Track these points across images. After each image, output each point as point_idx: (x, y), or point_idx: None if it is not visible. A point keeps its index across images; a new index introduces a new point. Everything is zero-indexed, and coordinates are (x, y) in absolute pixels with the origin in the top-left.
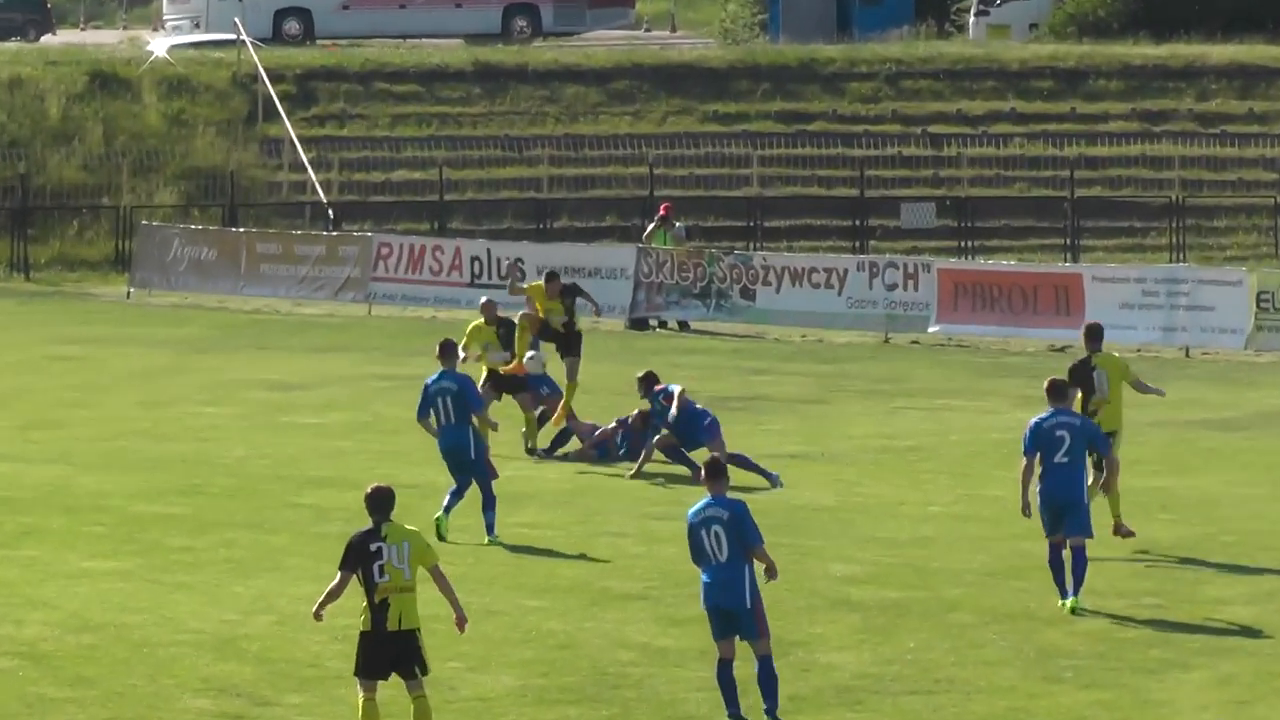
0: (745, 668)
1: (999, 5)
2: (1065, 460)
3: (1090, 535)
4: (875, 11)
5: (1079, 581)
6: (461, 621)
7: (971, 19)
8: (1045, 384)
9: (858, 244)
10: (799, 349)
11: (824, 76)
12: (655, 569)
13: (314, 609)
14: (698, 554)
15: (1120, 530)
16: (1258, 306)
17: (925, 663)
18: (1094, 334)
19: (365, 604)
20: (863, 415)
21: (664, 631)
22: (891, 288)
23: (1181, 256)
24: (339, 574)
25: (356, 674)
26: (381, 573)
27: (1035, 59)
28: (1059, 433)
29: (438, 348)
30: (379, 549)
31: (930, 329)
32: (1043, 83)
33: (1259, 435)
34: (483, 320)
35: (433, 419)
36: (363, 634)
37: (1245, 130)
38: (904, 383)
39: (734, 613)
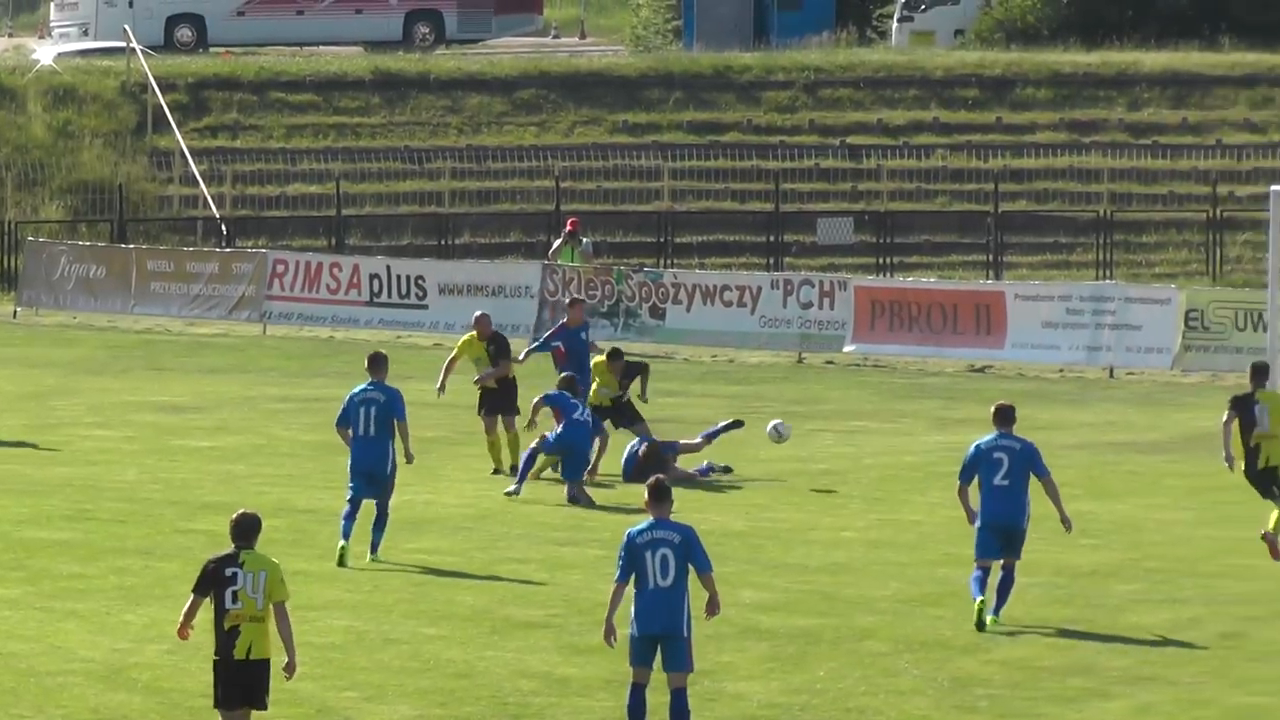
0: (653, 697)
1: (923, 11)
2: (1005, 483)
3: (1019, 558)
4: (794, 17)
5: (1002, 601)
6: (291, 668)
7: (894, 25)
8: (992, 409)
9: (772, 261)
10: (710, 370)
11: (739, 85)
12: (558, 596)
13: (177, 629)
14: (635, 576)
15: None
16: (1186, 325)
17: (836, 692)
18: (1259, 372)
19: (214, 631)
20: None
21: (567, 660)
22: (806, 306)
23: (1109, 273)
24: (191, 596)
25: (216, 706)
26: (234, 599)
27: (960, 67)
28: (997, 454)
29: (367, 360)
30: (234, 574)
31: (846, 349)
32: (968, 92)
33: (1183, 458)
34: (475, 334)
35: (350, 431)
36: (215, 663)
37: (1178, 141)
38: (818, 404)
39: (670, 638)
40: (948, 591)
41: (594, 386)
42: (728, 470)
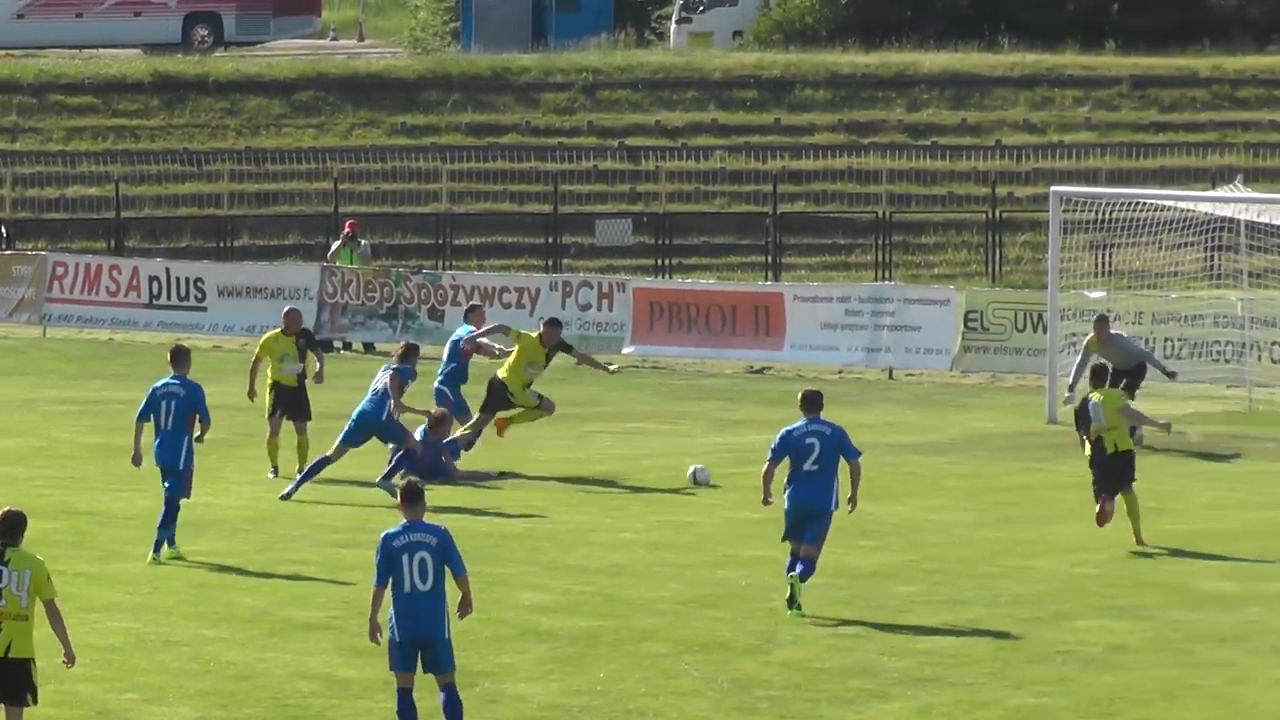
0: (426, 699)
1: (701, 12)
2: (815, 468)
3: (819, 547)
4: (572, 19)
5: (804, 577)
6: (70, 657)
7: (673, 26)
8: (799, 395)
9: (551, 262)
10: (488, 371)
11: (517, 87)
12: (339, 598)
13: None
14: (392, 580)
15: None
16: (965, 326)
17: (616, 694)
18: (1098, 374)
19: None
20: (553, 439)
21: (347, 662)
22: (585, 308)
23: (888, 274)
24: None
25: None
26: None
27: (739, 68)
28: (809, 440)
29: (169, 353)
30: None
31: (625, 350)
32: (746, 93)
33: (963, 459)
34: (280, 330)
35: (144, 425)
36: None
37: (957, 142)
38: (596, 406)
39: (430, 644)
40: (727, 593)
41: (517, 362)
42: (504, 476)
